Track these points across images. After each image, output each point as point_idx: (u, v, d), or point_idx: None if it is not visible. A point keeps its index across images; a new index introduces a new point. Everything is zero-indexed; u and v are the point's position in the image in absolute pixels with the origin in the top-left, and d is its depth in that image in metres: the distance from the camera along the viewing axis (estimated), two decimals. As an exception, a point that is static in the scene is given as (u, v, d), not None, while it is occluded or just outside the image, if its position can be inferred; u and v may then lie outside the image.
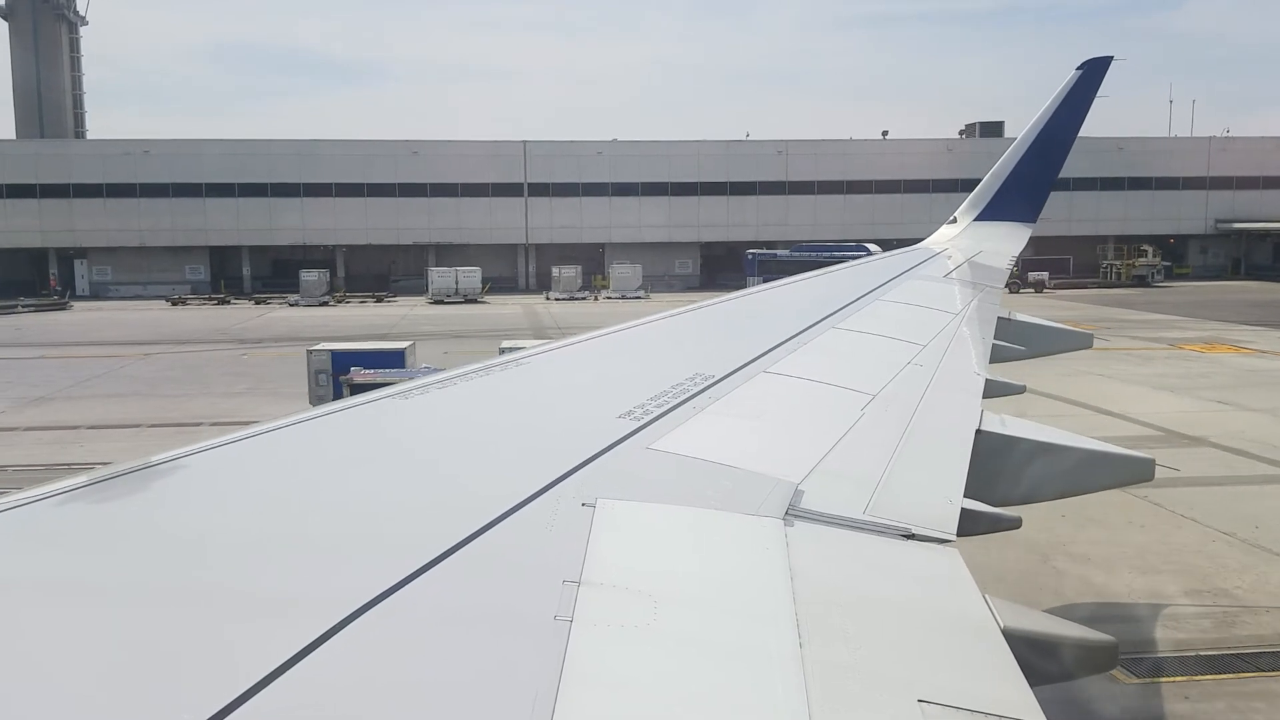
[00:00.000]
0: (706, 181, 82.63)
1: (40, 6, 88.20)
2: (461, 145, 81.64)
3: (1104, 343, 42.02)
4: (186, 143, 79.04)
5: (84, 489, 2.81)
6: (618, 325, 6.67)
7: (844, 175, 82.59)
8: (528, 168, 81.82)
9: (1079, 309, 60.26)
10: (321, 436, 3.67)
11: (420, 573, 2.26)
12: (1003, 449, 4.76)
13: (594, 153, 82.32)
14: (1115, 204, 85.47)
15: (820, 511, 3.16)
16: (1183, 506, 18.21)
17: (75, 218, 78.07)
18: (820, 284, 10.78)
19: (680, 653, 2.15)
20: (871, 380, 5.44)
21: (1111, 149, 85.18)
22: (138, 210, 78.41)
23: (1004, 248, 13.63)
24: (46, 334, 51.73)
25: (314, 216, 79.98)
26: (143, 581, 2.26)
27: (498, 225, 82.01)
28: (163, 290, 78.06)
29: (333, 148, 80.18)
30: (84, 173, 77.67)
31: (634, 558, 2.62)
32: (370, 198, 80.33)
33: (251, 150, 79.10)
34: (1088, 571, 15.15)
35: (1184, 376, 33.86)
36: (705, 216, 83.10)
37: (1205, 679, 11.81)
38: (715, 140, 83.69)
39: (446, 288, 71.00)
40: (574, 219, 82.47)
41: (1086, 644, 2.84)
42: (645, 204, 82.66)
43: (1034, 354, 9.71)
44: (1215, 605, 13.87)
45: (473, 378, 4.71)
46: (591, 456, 3.34)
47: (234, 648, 1.92)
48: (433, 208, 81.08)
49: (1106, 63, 14.03)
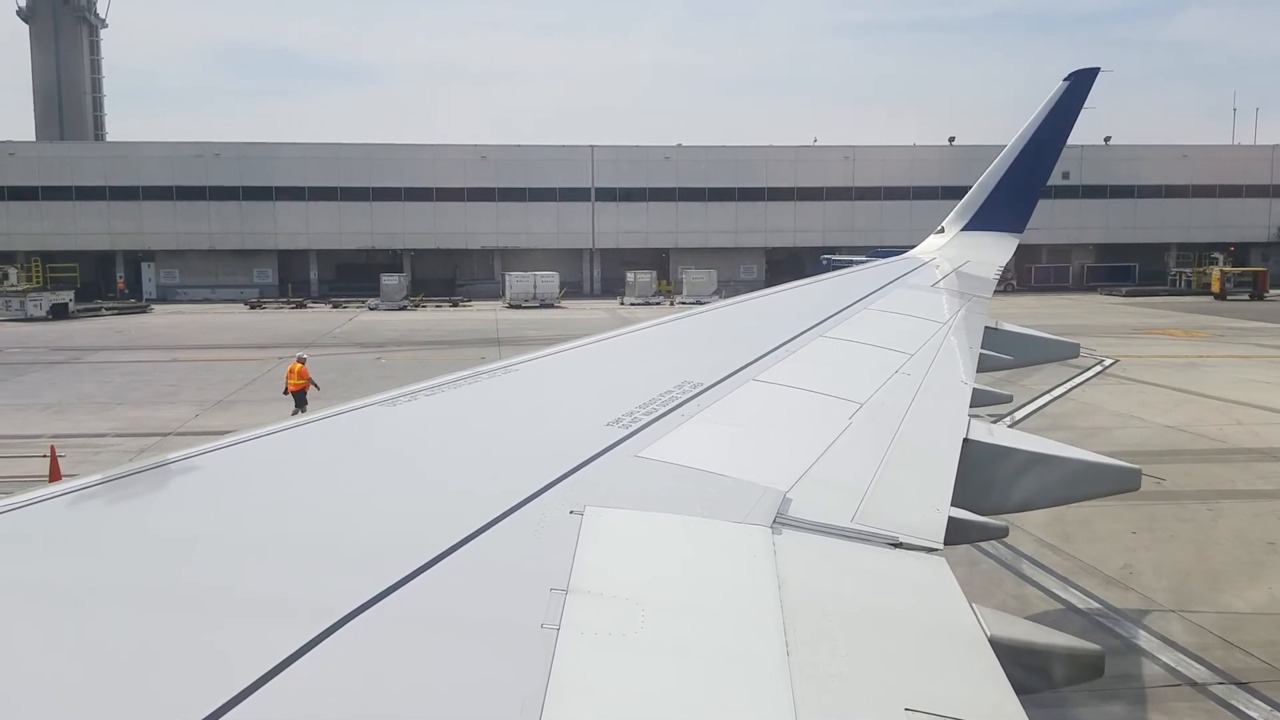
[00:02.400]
0: (774, 187, 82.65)
1: (61, 9, 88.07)
2: (528, 150, 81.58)
3: (1242, 349, 42.05)
4: (257, 146, 78.86)
5: (77, 492, 2.81)
6: (607, 333, 6.71)
7: (909, 181, 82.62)
8: (595, 172, 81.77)
9: (1170, 315, 60.31)
10: (307, 443, 3.66)
11: (407, 580, 2.25)
12: (990, 458, 4.80)
13: (661, 158, 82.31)
14: (1179, 211, 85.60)
15: (808, 520, 3.18)
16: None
17: (144, 220, 77.83)
18: (809, 292, 10.93)
19: (667, 661, 2.16)
20: (859, 389, 5.47)
21: (1175, 156, 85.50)
22: (207, 213, 78.17)
23: (991, 257, 13.71)
24: (150, 337, 51.44)
25: (382, 220, 79.87)
26: (127, 584, 2.27)
27: (565, 230, 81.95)
28: (230, 294, 77.84)
29: (402, 151, 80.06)
30: (153, 175, 77.42)
31: (622, 565, 2.62)
32: (439, 202, 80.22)
33: (321, 154, 78.97)
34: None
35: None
36: (772, 222, 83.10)
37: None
38: (782, 146, 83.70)
39: (525, 292, 70.82)
40: (640, 224, 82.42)
41: (1074, 653, 2.80)
42: (712, 209, 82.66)
43: (1020, 363, 9.88)
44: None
45: (461, 384, 4.69)
46: (580, 464, 3.34)
47: (218, 654, 1.92)
48: (500, 212, 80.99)
49: (1093, 74, 14.07)
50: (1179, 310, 64.24)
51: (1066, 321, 56.03)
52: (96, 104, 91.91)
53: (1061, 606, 14.21)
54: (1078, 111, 14.05)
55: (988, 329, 9.07)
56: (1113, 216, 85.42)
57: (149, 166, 77.44)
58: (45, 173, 76.72)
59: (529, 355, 5.71)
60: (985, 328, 9.03)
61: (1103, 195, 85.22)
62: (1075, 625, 13.48)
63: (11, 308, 61.30)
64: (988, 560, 15.53)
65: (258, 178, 78.27)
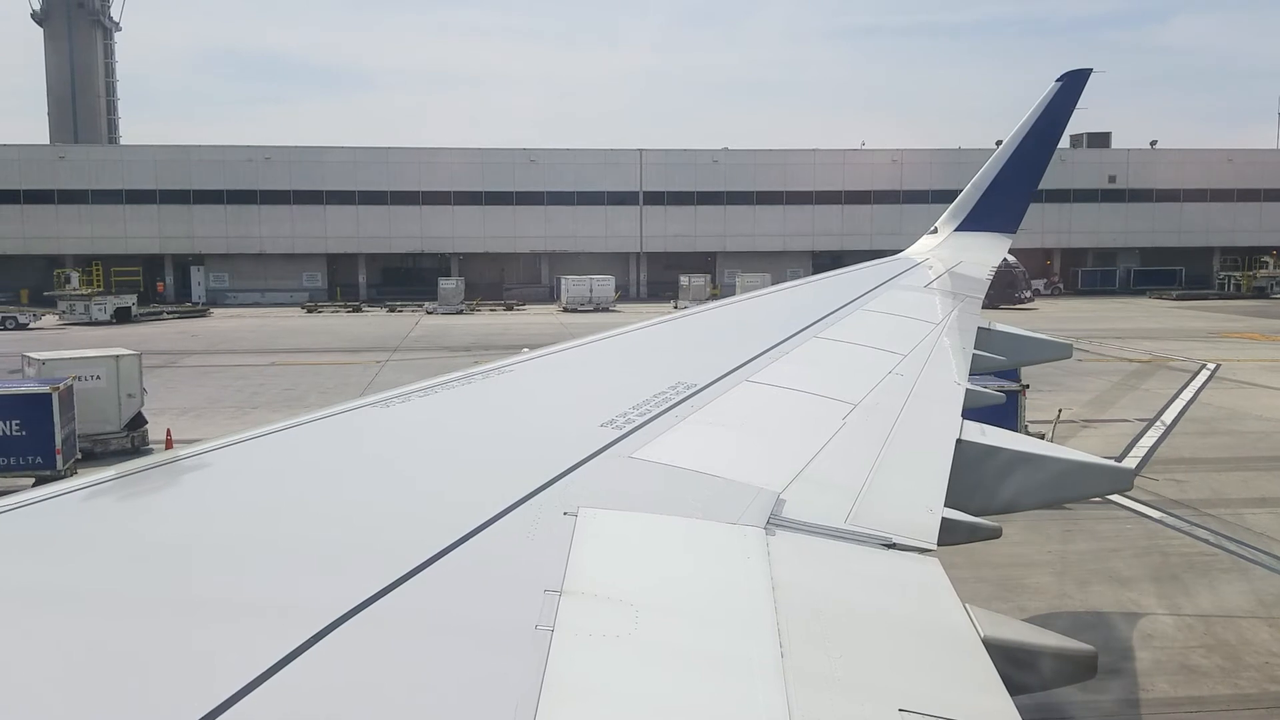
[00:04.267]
0: (821, 190, 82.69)
1: (76, 12, 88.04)
2: (577, 154, 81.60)
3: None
4: (307, 149, 78.79)
5: (70, 494, 2.80)
6: (600, 334, 6.71)
7: (958, 184, 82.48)
8: (643, 176, 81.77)
9: (1237, 319, 60.33)
10: (301, 445, 3.65)
11: (400, 582, 2.25)
12: (983, 459, 4.81)
13: (709, 161, 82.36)
14: (1224, 215, 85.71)
15: (802, 520, 3.18)
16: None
17: (195, 224, 77.72)
18: (802, 293, 10.96)
19: (661, 662, 2.16)
20: (853, 390, 5.47)
21: (1221, 160, 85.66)
22: (258, 217, 78.09)
23: (984, 258, 13.75)
24: (227, 341, 51.34)
25: (432, 224, 79.81)
26: (123, 585, 2.26)
27: (613, 233, 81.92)
28: (279, 297, 77.72)
29: (450, 155, 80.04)
30: (204, 179, 77.33)
31: (615, 567, 2.62)
32: (488, 205, 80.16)
33: (370, 158, 78.92)
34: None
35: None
36: (819, 225, 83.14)
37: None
38: (830, 149, 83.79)
39: (580, 296, 70.77)
40: (688, 227, 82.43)
41: (1066, 653, 2.82)
42: (759, 212, 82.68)
43: (1013, 364, 9.79)
44: None
45: (455, 386, 4.70)
46: (573, 465, 3.34)
47: (214, 655, 1.91)
48: (549, 215, 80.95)
49: (1085, 75, 14.05)
50: (1238, 314, 64.31)
51: (1133, 325, 56.15)
52: (110, 107, 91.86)
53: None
54: (1070, 112, 14.08)
55: (980, 329, 9.15)
56: (1159, 220, 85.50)
57: (199, 170, 77.38)
58: (95, 176, 76.63)
59: (522, 356, 5.69)
60: (978, 328, 9.13)
61: (1149, 199, 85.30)
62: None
63: (76, 311, 61.21)
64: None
65: (308, 181, 78.21)
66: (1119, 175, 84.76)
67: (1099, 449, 22.83)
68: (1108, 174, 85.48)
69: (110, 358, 23.96)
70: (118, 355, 24.13)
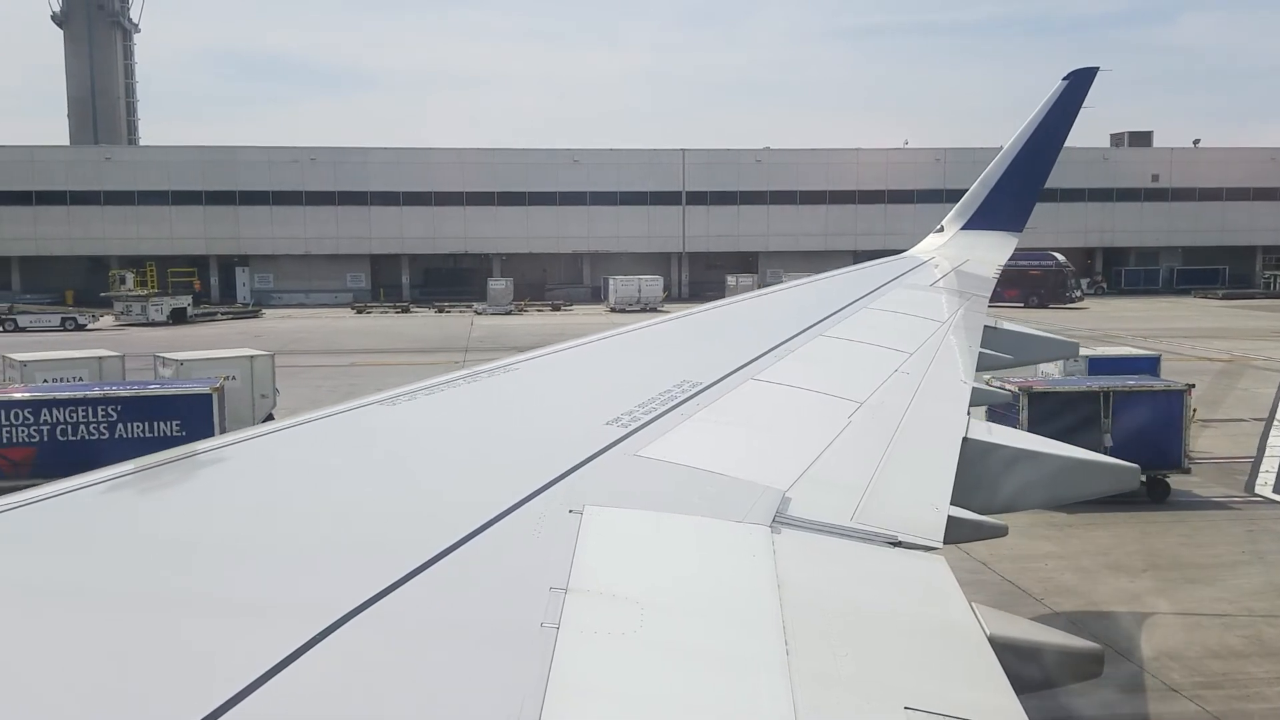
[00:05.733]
0: (865, 190, 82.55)
1: (96, 14, 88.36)
2: (620, 154, 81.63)
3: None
4: (353, 150, 78.94)
5: (75, 492, 2.78)
6: (606, 332, 6.70)
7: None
8: (685, 176, 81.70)
9: None
10: (307, 443, 3.65)
11: (406, 579, 2.25)
12: (989, 457, 4.79)
13: (751, 160, 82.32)
14: (1267, 213, 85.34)
15: (807, 519, 3.18)
16: None
17: (240, 224, 77.84)
18: (808, 292, 10.98)
19: (667, 660, 2.16)
20: (859, 388, 5.46)
21: (1264, 159, 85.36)
22: (303, 218, 78.20)
23: (990, 257, 13.73)
24: (292, 341, 51.21)
25: (476, 224, 79.83)
26: (125, 584, 2.25)
27: (655, 234, 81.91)
28: (323, 298, 77.81)
29: (494, 156, 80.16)
30: (250, 179, 77.44)
31: (621, 565, 2.63)
32: (531, 206, 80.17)
33: (414, 159, 79.05)
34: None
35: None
36: (862, 225, 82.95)
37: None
38: (873, 149, 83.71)
39: (629, 296, 70.69)
40: (730, 227, 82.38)
41: (1072, 652, 2.81)
42: (803, 212, 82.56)
43: (1019, 362, 9.73)
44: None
45: (460, 384, 4.70)
46: (579, 463, 3.34)
47: (217, 653, 1.90)
48: (592, 215, 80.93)
49: (1092, 73, 14.01)
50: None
51: (1192, 325, 55.84)
52: (130, 108, 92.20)
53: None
54: (1077, 110, 14.07)
55: (987, 328, 9.13)
56: (1202, 219, 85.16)
57: (245, 171, 77.49)
58: (141, 177, 76.79)
59: (528, 354, 5.67)
60: (985, 326, 9.10)
61: (1191, 198, 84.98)
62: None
63: (133, 312, 61.36)
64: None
65: (353, 182, 78.31)
66: (1162, 174, 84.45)
67: (1228, 450, 22.68)
68: (1150, 173, 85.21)
69: (245, 358, 23.93)
70: (252, 356, 24.09)
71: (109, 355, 24.29)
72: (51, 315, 59.41)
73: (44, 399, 18.16)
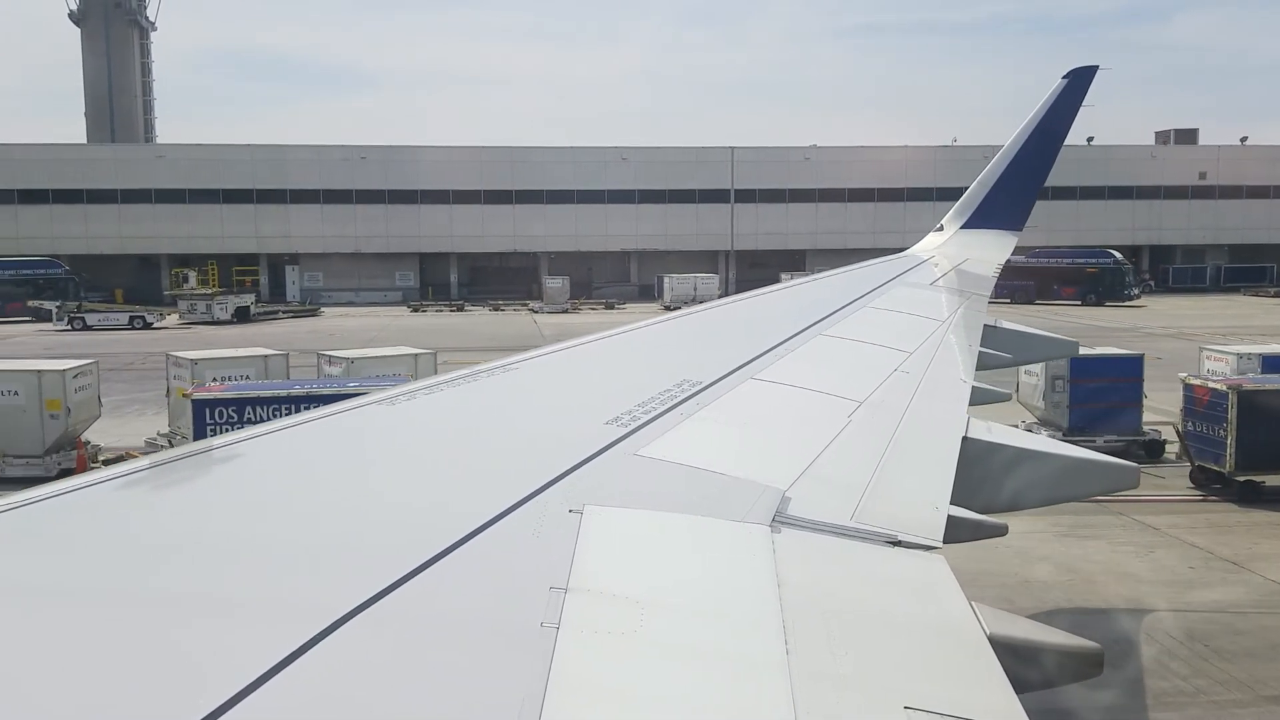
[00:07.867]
0: (913, 187, 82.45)
1: (113, 12, 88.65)
2: (668, 152, 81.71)
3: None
4: (402, 149, 79.12)
5: (67, 494, 2.78)
6: (605, 332, 6.71)
7: (1049, 180, 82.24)
8: (734, 174, 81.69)
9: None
10: (306, 442, 3.65)
11: (406, 579, 2.24)
12: (989, 456, 4.80)
13: (800, 158, 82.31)
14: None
15: (807, 518, 3.18)
16: None
17: (291, 223, 78.01)
18: (807, 290, 10.98)
19: (667, 660, 2.16)
20: (858, 387, 5.46)
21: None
22: (353, 216, 78.35)
23: (990, 255, 13.69)
24: (365, 341, 51.40)
25: (524, 223, 79.92)
26: (123, 584, 2.25)
27: (704, 231, 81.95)
28: (373, 296, 77.99)
29: (543, 154, 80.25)
30: (300, 178, 77.61)
31: (621, 564, 2.63)
32: (580, 204, 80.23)
33: (464, 157, 79.22)
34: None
35: None
36: (910, 223, 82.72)
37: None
38: (921, 146, 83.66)
39: (685, 295, 70.59)
40: (779, 225, 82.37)
41: (1073, 651, 2.80)
42: (851, 210, 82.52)
43: (1019, 361, 9.59)
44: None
45: (460, 383, 4.70)
46: (579, 463, 3.34)
47: (216, 654, 1.90)
48: (640, 214, 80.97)
49: (1092, 72, 14.01)
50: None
51: (1253, 323, 55.54)
52: (146, 107, 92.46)
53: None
54: (1076, 109, 14.08)
55: (987, 327, 9.11)
56: (1250, 216, 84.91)
57: (295, 169, 77.66)
58: (191, 175, 77.00)
59: (528, 354, 5.67)
60: (985, 325, 9.08)
61: (1239, 195, 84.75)
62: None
63: (197, 310, 61.54)
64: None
65: (403, 180, 78.46)
66: (1209, 171, 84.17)
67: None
68: (1198, 170, 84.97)
69: (409, 355, 23.83)
70: (416, 354, 23.99)
71: (273, 354, 24.32)
72: (119, 314, 59.61)
73: (248, 397, 18.08)
